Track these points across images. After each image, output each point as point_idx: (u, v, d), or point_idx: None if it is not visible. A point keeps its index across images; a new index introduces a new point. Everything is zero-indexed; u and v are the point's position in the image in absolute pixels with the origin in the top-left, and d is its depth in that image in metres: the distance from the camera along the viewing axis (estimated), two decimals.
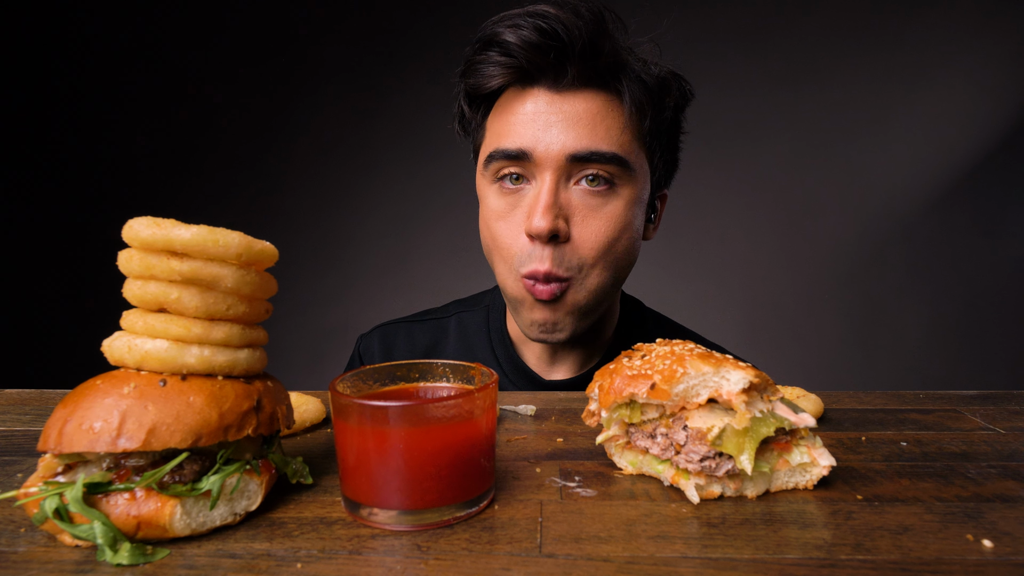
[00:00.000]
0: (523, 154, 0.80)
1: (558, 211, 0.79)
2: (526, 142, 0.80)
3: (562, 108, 0.79)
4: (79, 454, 0.42)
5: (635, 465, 0.53)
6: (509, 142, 0.81)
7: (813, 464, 0.50)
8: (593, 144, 0.78)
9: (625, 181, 0.82)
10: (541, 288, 0.81)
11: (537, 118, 0.80)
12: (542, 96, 0.80)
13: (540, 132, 0.79)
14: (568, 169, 0.80)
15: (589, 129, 0.79)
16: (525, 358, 1.00)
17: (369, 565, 0.39)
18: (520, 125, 0.80)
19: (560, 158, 0.79)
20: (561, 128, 0.79)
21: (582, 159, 0.79)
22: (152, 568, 0.39)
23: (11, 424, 0.69)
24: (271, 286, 0.49)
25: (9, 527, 0.45)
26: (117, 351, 0.45)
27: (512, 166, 0.82)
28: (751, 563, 0.39)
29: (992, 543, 0.41)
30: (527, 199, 0.82)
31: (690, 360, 0.49)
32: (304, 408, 0.68)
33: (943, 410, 0.71)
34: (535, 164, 0.80)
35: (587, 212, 0.81)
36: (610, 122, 0.80)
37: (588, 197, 0.81)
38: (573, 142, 0.78)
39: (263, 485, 0.47)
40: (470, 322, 1.06)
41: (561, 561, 0.39)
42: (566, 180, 0.81)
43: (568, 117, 0.79)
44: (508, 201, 0.84)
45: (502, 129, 0.83)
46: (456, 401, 0.44)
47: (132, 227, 0.44)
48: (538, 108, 0.80)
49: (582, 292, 0.83)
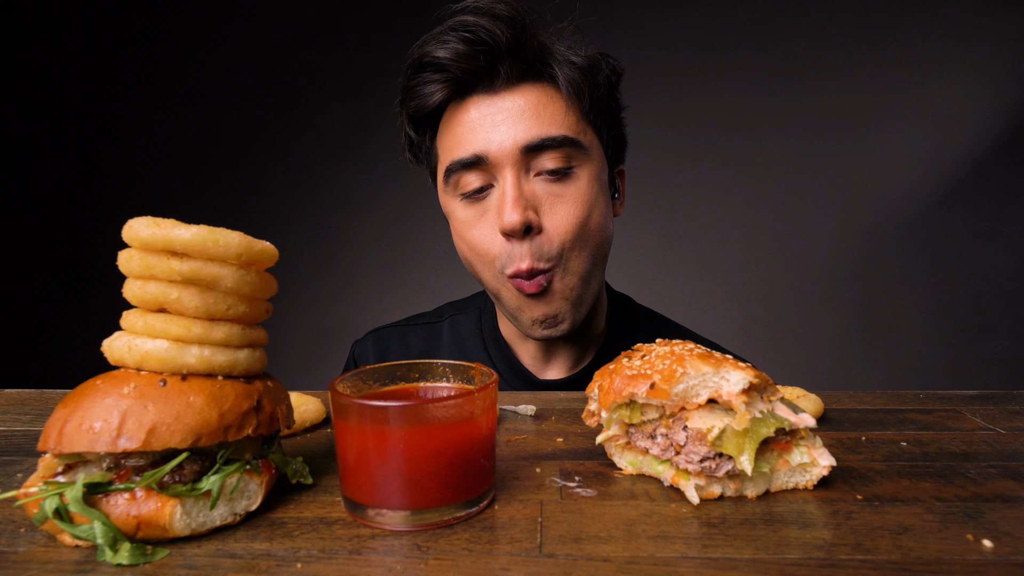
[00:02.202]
0: (479, 159, 0.82)
1: (525, 203, 0.81)
2: (478, 146, 0.82)
3: (504, 106, 0.82)
4: (79, 454, 0.42)
5: (635, 465, 0.53)
6: (462, 151, 0.83)
7: (813, 464, 0.50)
8: (542, 131, 0.81)
9: (581, 161, 0.84)
10: (528, 284, 0.83)
11: (483, 121, 0.82)
12: (482, 101, 0.83)
13: (489, 133, 0.81)
14: (525, 161, 0.82)
15: (535, 119, 0.81)
16: (520, 358, 1.00)
17: (369, 565, 0.39)
18: (469, 133, 0.83)
19: (515, 152, 0.81)
20: (508, 124, 0.81)
21: (535, 148, 0.81)
22: (152, 568, 0.39)
23: (11, 424, 0.69)
24: (271, 286, 0.49)
25: (9, 527, 0.45)
26: (117, 351, 0.45)
27: (472, 174, 0.84)
28: (751, 563, 0.39)
29: (992, 543, 0.41)
30: (493, 201, 0.84)
31: (690, 360, 0.49)
32: (304, 408, 0.68)
33: (943, 410, 0.71)
34: (492, 165, 0.82)
35: (553, 200, 0.83)
36: (552, 108, 0.82)
37: (550, 185, 0.83)
38: (523, 134, 0.81)
39: (263, 485, 0.47)
40: (463, 325, 1.08)
41: (561, 561, 0.39)
42: (526, 173, 0.83)
43: (512, 113, 0.81)
44: (476, 209, 0.86)
45: (452, 142, 0.85)
46: (456, 401, 0.44)
47: (132, 227, 0.44)
48: (481, 112, 0.83)
49: (568, 277, 0.85)
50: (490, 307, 1.06)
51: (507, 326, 1.01)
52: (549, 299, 0.85)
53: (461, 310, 1.10)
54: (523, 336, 0.98)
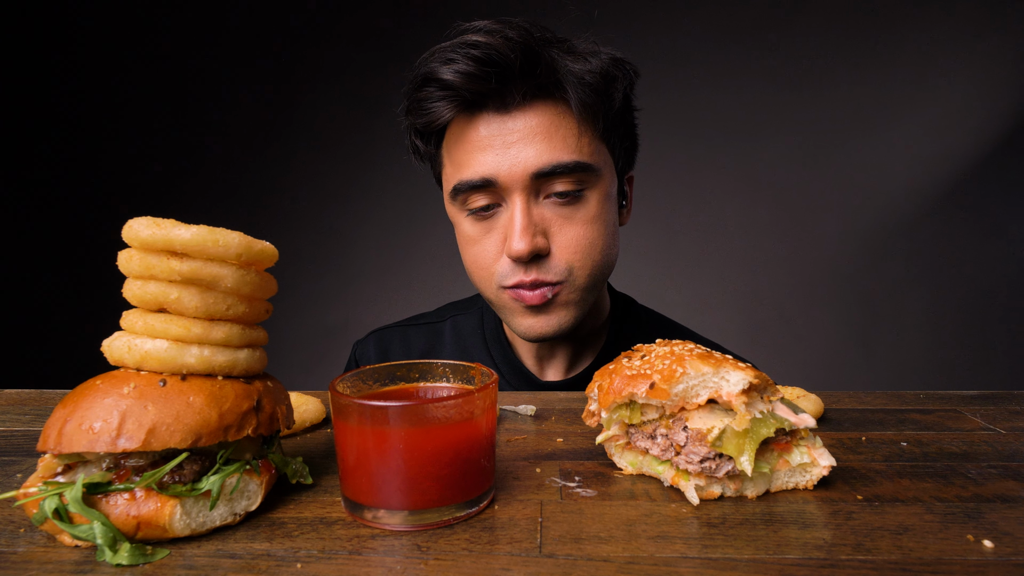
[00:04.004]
0: (487, 182, 0.81)
1: (535, 229, 0.80)
2: (488, 169, 0.80)
3: (515, 127, 0.79)
4: (79, 454, 0.42)
5: (635, 465, 0.53)
6: (471, 172, 0.81)
7: (813, 464, 0.49)
8: (554, 157, 0.79)
9: (593, 183, 0.83)
10: (531, 294, 0.82)
11: (493, 142, 0.80)
12: (492, 119, 0.80)
13: (499, 156, 0.79)
14: (535, 186, 0.81)
15: (546, 142, 0.79)
16: (522, 358, 1.00)
17: (369, 565, 0.39)
18: (478, 152, 0.81)
19: (525, 178, 0.79)
20: (519, 147, 0.79)
21: (546, 174, 0.79)
22: (152, 568, 0.39)
23: (11, 424, 0.69)
24: (271, 286, 0.49)
25: (9, 527, 0.45)
26: (117, 351, 0.45)
27: (480, 194, 0.83)
28: (751, 563, 0.39)
29: (992, 543, 0.41)
30: (501, 221, 0.83)
31: (690, 360, 0.49)
32: (304, 408, 0.68)
33: (943, 410, 0.71)
34: (502, 188, 0.81)
35: (563, 223, 0.82)
36: (564, 131, 0.80)
37: (560, 208, 0.82)
38: (534, 159, 0.79)
39: (263, 485, 0.47)
40: (465, 325, 1.07)
41: (561, 561, 0.39)
42: (535, 196, 0.82)
43: (523, 135, 0.79)
44: (482, 227, 0.85)
45: (461, 159, 0.83)
46: (456, 401, 0.44)
47: (132, 227, 0.44)
48: (491, 131, 0.80)
49: (575, 292, 0.84)
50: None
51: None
52: (550, 310, 0.84)
53: (463, 310, 1.10)
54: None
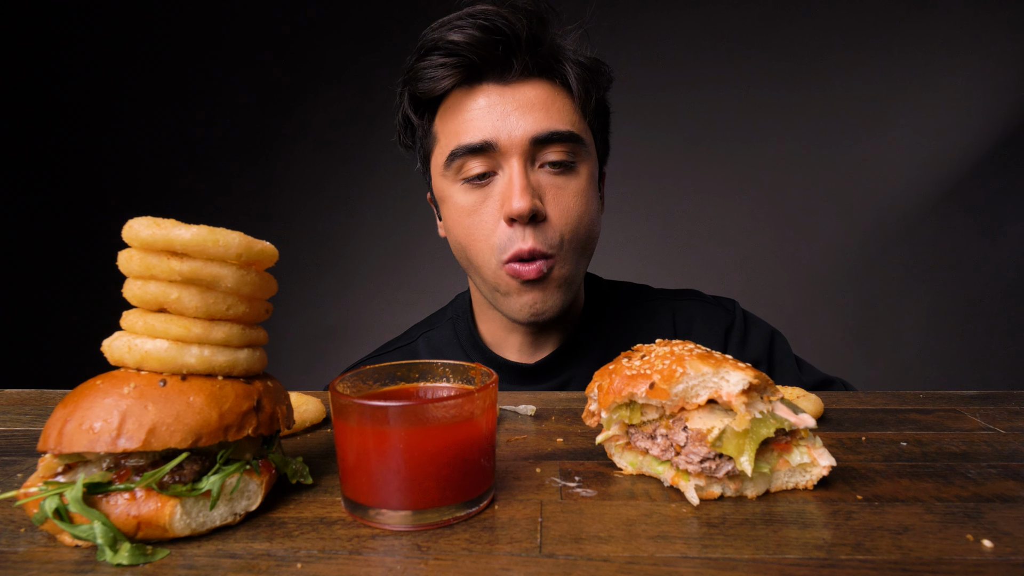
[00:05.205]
0: (487, 145, 0.83)
1: (533, 191, 0.82)
2: (488, 133, 0.83)
3: (515, 97, 0.83)
4: (79, 454, 0.42)
5: (635, 465, 0.53)
6: (470, 136, 0.83)
7: (813, 464, 0.49)
8: (551, 125, 0.83)
9: (583, 158, 0.87)
10: (527, 268, 0.83)
11: (492, 110, 0.83)
12: (493, 90, 0.84)
13: (499, 122, 0.83)
14: (532, 152, 0.84)
15: (544, 113, 0.83)
16: (505, 354, 1.00)
17: (369, 565, 0.39)
18: (478, 119, 0.83)
19: (524, 142, 0.82)
20: (519, 115, 0.83)
21: (543, 140, 0.83)
22: (152, 568, 0.39)
23: (11, 424, 0.69)
24: (271, 286, 0.49)
25: (9, 527, 0.45)
26: (117, 351, 0.45)
27: (476, 160, 0.84)
28: (751, 563, 0.39)
29: (992, 543, 0.41)
30: (497, 188, 0.85)
31: (689, 360, 0.49)
32: (304, 408, 0.68)
33: (943, 410, 0.71)
34: (500, 153, 0.83)
35: (556, 191, 0.85)
36: (560, 104, 0.85)
37: (554, 177, 0.85)
38: (533, 126, 0.82)
39: (263, 485, 0.47)
40: (438, 339, 1.06)
41: (561, 561, 0.39)
42: (531, 163, 0.84)
43: (522, 105, 0.83)
44: (477, 195, 0.86)
45: (459, 127, 0.85)
46: (456, 401, 0.44)
47: (132, 227, 0.44)
48: (491, 101, 0.83)
49: (567, 267, 0.87)
50: (463, 315, 1.05)
51: (487, 326, 1.01)
52: (544, 286, 0.86)
53: (432, 326, 1.09)
54: (506, 331, 0.98)
